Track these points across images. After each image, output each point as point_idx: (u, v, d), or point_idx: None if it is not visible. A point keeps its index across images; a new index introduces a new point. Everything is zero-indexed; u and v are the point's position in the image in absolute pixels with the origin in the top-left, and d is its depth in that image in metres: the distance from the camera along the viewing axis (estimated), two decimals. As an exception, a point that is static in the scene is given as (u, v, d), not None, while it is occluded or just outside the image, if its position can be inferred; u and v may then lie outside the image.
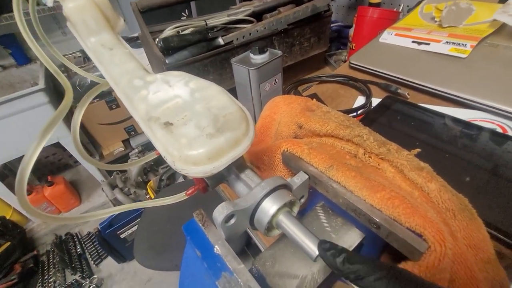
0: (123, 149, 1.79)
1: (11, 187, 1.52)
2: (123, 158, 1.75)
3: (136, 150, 1.70)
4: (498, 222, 0.30)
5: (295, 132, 0.38)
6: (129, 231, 1.42)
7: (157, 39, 0.61)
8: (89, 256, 1.56)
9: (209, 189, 0.30)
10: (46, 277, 1.48)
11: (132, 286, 1.46)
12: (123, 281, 1.48)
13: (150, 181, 1.61)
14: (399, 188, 0.25)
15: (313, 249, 0.22)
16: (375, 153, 0.29)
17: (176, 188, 1.31)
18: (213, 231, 0.25)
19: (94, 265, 1.54)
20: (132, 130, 1.81)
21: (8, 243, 1.45)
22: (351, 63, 0.59)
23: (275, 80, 0.63)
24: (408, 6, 0.85)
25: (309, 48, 0.80)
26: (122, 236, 1.41)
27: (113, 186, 1.64)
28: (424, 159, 0.28)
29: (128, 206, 0.30)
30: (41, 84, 1.33)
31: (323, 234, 0.31)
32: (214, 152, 0.24)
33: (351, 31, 0.85)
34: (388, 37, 0.60)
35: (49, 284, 1.44)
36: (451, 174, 0.27)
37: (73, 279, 1.45)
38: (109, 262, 1.54)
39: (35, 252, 1.56)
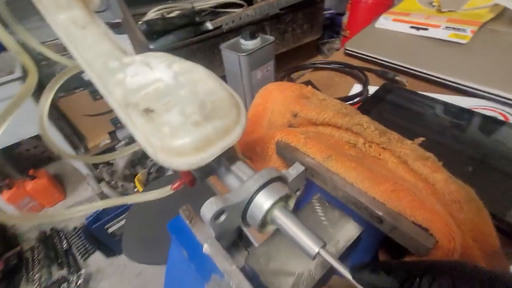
0: (109, 141, 1.73)
1: (-11, 182, 1.45)
2: (110, 151, 1.69)
3: (123, 142, 1.64)
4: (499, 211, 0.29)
5: (289, 121, 0.35)
6: (118, 225, 1.38)
7: (140, 22, 0.57)
8: (77, 251, 1.52)
9: (197, 183, 0.27)
10: (31, 273, 1.43)
11: (122, 281, 1.43)
12: (113, 276, 1.46)
13: (138, 174, 1.57)
14: (403, 179, 0.24)
15: (312, 247, 0.21)
16: (376, 142, 0.27)
17: (165, 181, 1.27)
18: (202, 229, 0.22)
19: (81, 260, 1.51)
20: (119, 121, 1.74)
21: (-11, 240, 1.39)
22: (347, 50, 0.57)
23: (267, 68, 0.60)
24: (403, -9, 0.83)
25: (301, 35, 0.77)
26: (110, 230, 1.38)
27: (99, 179, 1.59)
28: (426, 149, 0.27)
29: (110, 202, 0.27)
30: (18, 73, 1.26)
31: (320, 228, 0.30)
32: (201, 142, 0.21)
33: (345, 19, 0.82)
34: (384, 22, 0.58)
35: (34, 281, 1.39)
36: (454, 164, 0.26)
37: (60, 275, 1.41)
38: (98, 257, 1.51)
39: (18, 248, 1.50)
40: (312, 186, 0.36)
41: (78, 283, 1.37)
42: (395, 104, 0.41)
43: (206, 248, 0.21)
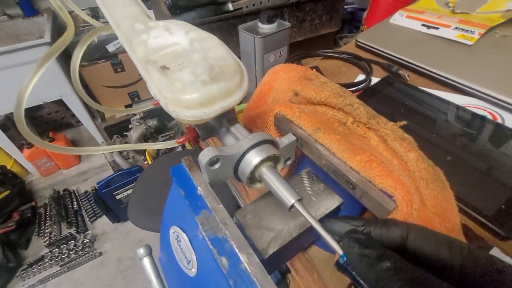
0: (125, 114, 1.79)
1: (13, 138, 1.55)
2: (125, 123, 1.76)
3: (138, 116, 1.70)
4: (471, 199, 0.31)
5: (290, 99, 0.38)
6: (125, 193, 1.46)
7: (166, -3, 0.60)
8: (85, 213, 1.62)
9: (200, 140, 0.31)
10: (43, 227, 1.54)
11: (124, 245, 1.52)
12: (116, 240, 1.55)
13: (149, 147, 1.63)
14: (380, 154, 0.26)
15: (289, 199, 0.24)
16: (363, 122, 0.29)
17: (174, 156, 1.33)
18: (198, 175, 0.26)
19: (89, 222, 1.60)
20: (136, 96, 1.81)
21: (7, 192, 1.50)
22: (358, 42, 0.58)
23: (280, 52, 0.62)
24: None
25: (319, 25, 0.78)
26: (118, 197, 1.46)
27: (112, 148, 1.67)
28: (410, 134, 0.29)
29: (122, 147, 0.31)
30: (47, 37, 1.32)
31: (304, 196, 0.33)
32: (206, 99, 0.24)
33: (365, 14, 0.82)
34: (398, 18, 0.59)
35: (45, 234, 1.50)
36: (434, 152, 0.28)
37: (68, 232, 1.51)
38: (104, 221, 1.60)
39: (33, 203, 1.62)
40: (304, 162, 0.39)
41: (84, 242, 1.47)
42: (393, 95, 0.43)
43: (200, 191, 0.25)
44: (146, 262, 0.28)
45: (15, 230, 1.47)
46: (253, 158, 0.26)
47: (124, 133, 1.71)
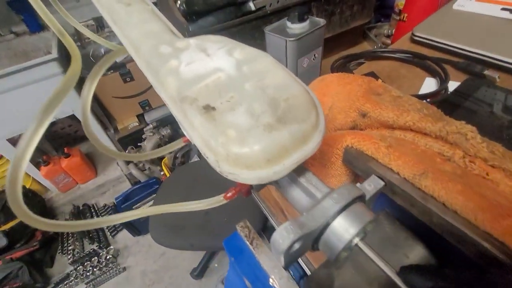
0: (138, 124, 1.75)
1: (29, 157, 1.54)
2: (138, 133, 1.73)
3: (151, 126, 1.66)
4: None
5: (354, 121, 0.30)
6: (144, 206, 1.42)
7: (179, 2, 0.52)
8: (106, 227, 1.60)
9: (252, 192, 0.23)
10: (66, 244, 1.53)
11: (147, 258, 1.49)
12: (139, 253, 1.52)
13: (164, 158, 1.59)
14: (528, 211, 0.18)
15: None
16: (481, 157, 0.21)
17: (190, 167, 1.27)
18: (266, 255, 0.19)
19: (110, 237, 1.58)
20: (147, 105, 1.77)
21: (29, 211, 1.49)
22: (415, 35, 0.48)
23: (314, 54, 0.54)
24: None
25: (350, 18, 0.69)
26: (137, 211, 1.42)
27: (127, 161, 1.63)
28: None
29: (158, 210, 0.24)
30: (54, 53, 1.28)
31: (388, 247, 0.25)
32: (275, 151, 0.17)
33: (399, 0, 0.72)
34: (466, 3, 0.48)
35: (69, 251, 1.49)
36: None
37: (91, 249, 1.50)
38: (125, 235, 1.58)
39: (54, 221, 1.61)
40: (378, 200, 0.31)
41: (107, 258, 1.44)
42: (483, 104, 0.34)
43: (273, 280, 0.17)
44: None
45: (39, 249, 1.47)
46: (345, 229, 0.18)
47: (138, 144, 1.67)
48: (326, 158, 0.28)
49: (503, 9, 0.46)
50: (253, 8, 0.57)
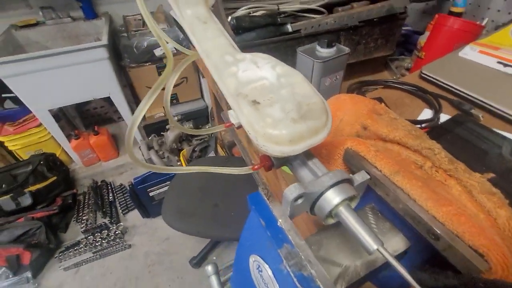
0: (163, 115, 1.89)
1: (62, 128, 1.69)
2: (162, 123, 1.85)
3: (176, 118, 1.78)
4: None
5: (357, 132, 0.38)
6: (158, 191, 1.53)
7: (230, 17, 0.63)
8: (119, 205, 1.71)
9: (273, 168, 0.32)
10: (81, 214, 1.66)
11: (151, 241, 1.58)
12: (144, 234, 1.61)
13: (183, 149, 1.69)
14: (465, 206, 0.26)
15: (372, 244, 0.24)
16: (443, 168, 0.29)
17: (207, 160, 1.37)
18: (277, 206, 0.27)
19: (121, 214, 1.69)
20: (175, 98, 1.90)
21: (54, 178, 1.63)
22: (423, 73, 0.57)
23: (336, 76, 0.63)
24: (493, 21, 0.78)
25: (374, 49, 0.78)
26: (151, 194, 1.53)
27: (149, 147, 1.75)
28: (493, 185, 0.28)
29: (201, 169, 0.33)
30: (104, 40, 1.42)
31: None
32: (296, 136, 0.26)
33: (422, 39, 0.80)
34: (470, 52, 0.56)
35: (83, 221, 1.61)
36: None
37: (103, 222, 1.61)
38: (135, 215, 1.68)
39: (74, 191, 1.74)
40: (365, 197, 0.39)
41: (116, 233, 1.55)
42: (465, 136, 0.41)
43: (280, 223, 0.26)
44: (214, 280, 0.29)
45: (57, 214, 1.59)
46: (333, 197, 0.26)
47: (161, 133, 1.79)
48: (331, 156, 0.37)
49: (498, 62, 0.53)
50: (290, 30, 0.67)
